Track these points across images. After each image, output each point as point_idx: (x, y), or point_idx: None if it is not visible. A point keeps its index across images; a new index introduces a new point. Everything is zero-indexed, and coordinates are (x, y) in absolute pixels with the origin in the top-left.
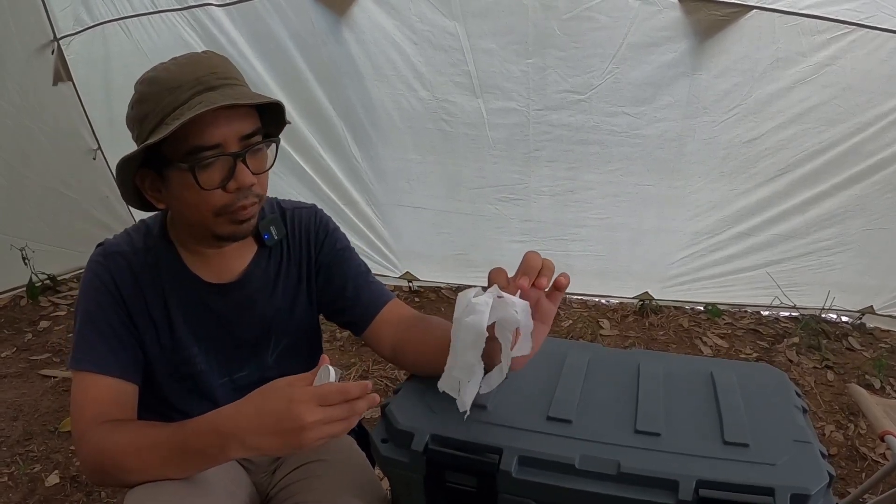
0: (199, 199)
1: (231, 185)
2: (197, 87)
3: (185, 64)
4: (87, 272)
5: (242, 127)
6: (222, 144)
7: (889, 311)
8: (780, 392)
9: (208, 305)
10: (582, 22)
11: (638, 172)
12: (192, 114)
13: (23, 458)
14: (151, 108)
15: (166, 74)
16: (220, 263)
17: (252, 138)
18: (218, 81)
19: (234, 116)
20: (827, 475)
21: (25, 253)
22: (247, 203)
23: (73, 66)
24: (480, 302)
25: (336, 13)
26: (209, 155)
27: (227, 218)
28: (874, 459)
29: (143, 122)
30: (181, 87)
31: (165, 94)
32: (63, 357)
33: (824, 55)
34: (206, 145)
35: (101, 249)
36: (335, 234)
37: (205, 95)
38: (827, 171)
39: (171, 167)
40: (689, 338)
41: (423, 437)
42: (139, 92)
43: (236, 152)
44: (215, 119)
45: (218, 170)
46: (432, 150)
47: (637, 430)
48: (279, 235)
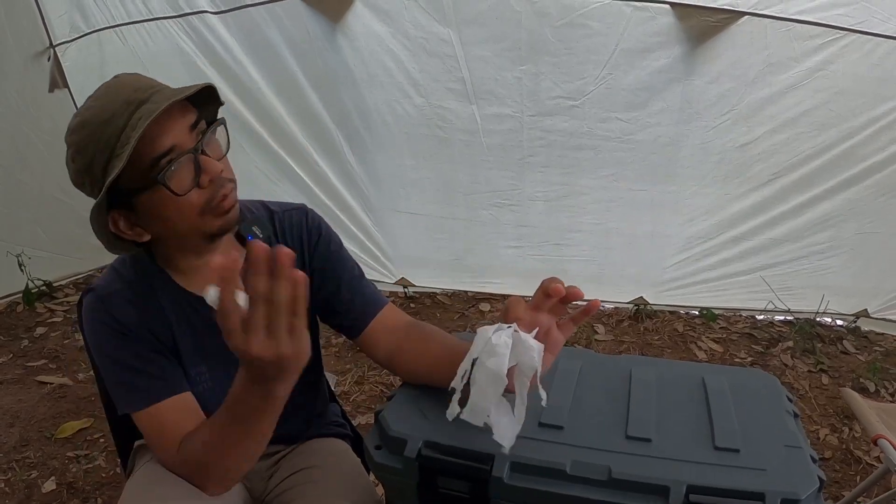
0: (179, 208)
1: (203, 180)
2: (129, 108)
3: (105, 94)
4: (88, 321)
5: (186, 121)
6: (176, 145)
7: (883, 314)
8: (772, 397)
9: (209, 320)
10: (575, 28)
11: (632, 177)
12: (140, 128)
13: (19, 464)
14: (94, 150)
15: (92, 112)
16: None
17: (198, 126)
18: (145, 94)
19: (175, 115)
20: (817, 480)
21: (22, 259)
22: (225, 191)
23: (69, 72)
24: (501, 344)
25: (331, 20)
26: (170, 159)
27: (212, 213)
28: (869, 463)
29: (90, 169)
30: (114, 115)
31: (101, 129)
32: (59, 363)
33: (816, 60)
34: (162, 152)
35: (93, 295)
36: (328, 236)
37: (140, 110)
38: (820, 176)
39: (140, 193)
40: (683, 342)
41: (416, 443)
42: (72, 143)
43: (193, 147)
44: (160, 125)
45: (185, 171)
46: (427, 155)
47: (628, 436)
48: (264, 234)
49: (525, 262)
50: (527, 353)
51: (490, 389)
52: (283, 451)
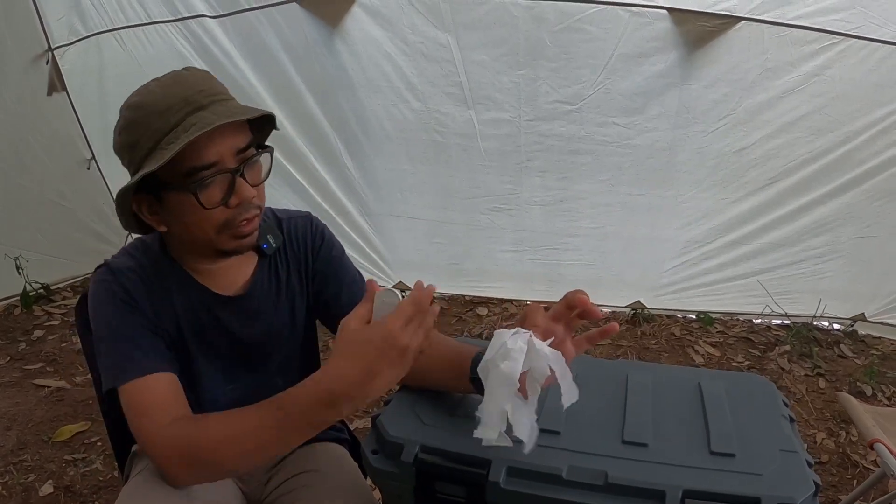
0: (201, 218)
1: (233, 201)
2: (187, 108)
3: (170, 85)
4: (97, 290)
5: (236, 142)
6: (219, 162)
7: (880, 318)
8: (768, 402)
9: (216, 316)
10: (572, 33)
11: (629, 182)
12: (188, 137)
13: (16, 467)
14: (142, 134)
15: (152, 98)
16: (223, 276)
17: (247, 151)
18: (206, 99)
19: (227, 132)
20: (813, 484)
21: (19, 262)
22: (249, 216)
23: (67, 76)
24: (515, 349)
25: (329, 25)
26: (207, 174)
27: (229, 234)
28: (865, 467)
29: (133, 148)
30: (170, 108)
31: (154, 118)
32: (57, 367)
33: (813, 65)
34: (203, 165)
35: (105, 269)
36: (331, 241)
37: (196, 116)
38: (817, 180)
39: (170, 190)
40: (680, 346)
41: (413, 448)
42: (125, 118)
43: (234, 168)
44: (210, 138)
45: (218, 187)
46: (425, 160)
47: (624, 441)
48: (276, 243)
49: (523, 267)
50: (540, 360)
51: (500, 391)
52: (281, 456)
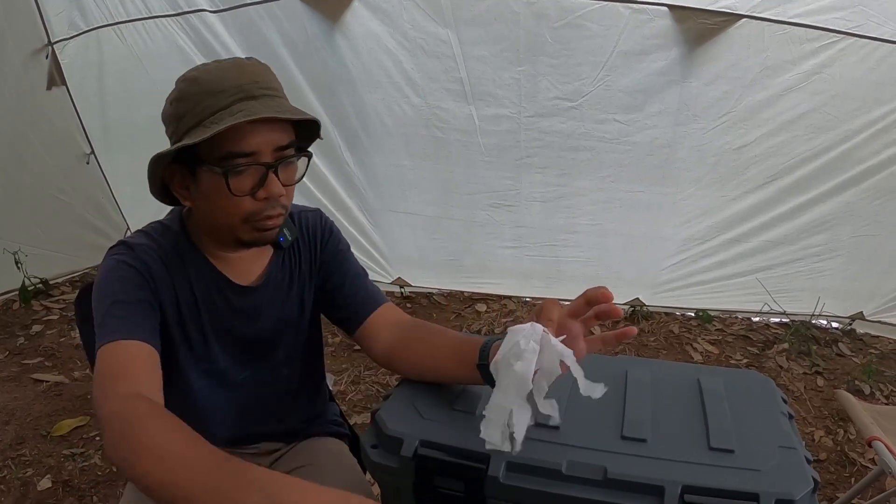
0: (228, 204)
1: (260, 194)
2: (238, 95)
3: (228, 69)
4: (109, 260)
5: (278, 138)
6: (257, 153)
7: (878, 316)
8: (767, 398)
9: (232, 304)
10: (573, 30)
11: (629, 179)
12: (232, 121)
13: (15, 462)
14: (190, 108)
15: (209, 77)
16: (240, 265)
17: (286, 150)
18: (259, 91)
19: (271, 127)
20: (812, 481)
21: (18, 257)
22: (273, 213)
23: (67, 70)
24: (528, 349)
25: (329, 20)
26: (242, 162)
27: (252, 225)
28: (863, 465)
29: (180, 120)
30: (223, 91)
31: (206, 96)
32: (55, 361)
33: (813, 63)
34: (240, 152)
35: (123, 245)
36: (338, 236)
37: (246, 104)
38: (816, 178)
39: (204, 167)
40: (679, 344)
41: (412, 442)
42: (179, 90)
43: (269, 163)
44: (253, 128)
45: (249, 177)
46: (425, 156)
47: (624, 436)
48: (292, 237)
49: (522, 263)
50: (552, 358)
51: (513, 391)
52: (281, 450)
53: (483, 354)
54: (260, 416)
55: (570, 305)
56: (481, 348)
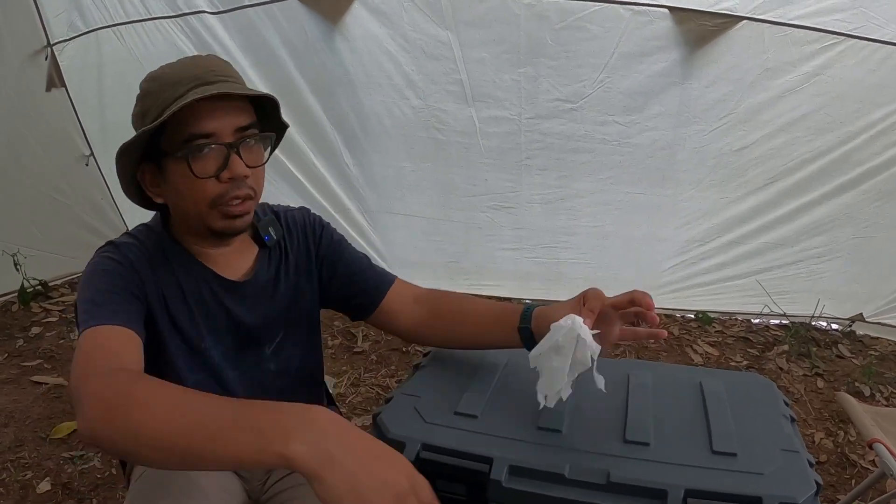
0: (193, 189)
1: (224, 175)
2: (194, 83)
3: (186, 63)
4: (96, 257)
5: (237, 119)
6: (216, 134)
7: (878, 318)
8: (769, 401)
9: (219, 299)
10: (574, 32)
11: (629, 181)
12: (183, 101)
13: (14, 464)
14: (152, 103)
15: (169, 71)
16: (226, 262)
17: (247, 131)
18: (215, 78)
19: (229, 109)
20: (814, 484)
21: (17, 259)
22: (240, 194)
23: (66, 72)
24: (566, 346)
25: (329, 21)
26: (203, 143)
27: (220, 211)
28: (864, 467)
29: (143, 117)
30: (180, 82)
31: (165, 88)
32: (55, 363)
33: (814, 65)
34: (200, 133)
35: (110, 244)
36: (329, 229)
37: (201, 89)
38: (816, 180)
39: (169, 158)
40: (679, 346)
41: (414, 445)
42: (142, 89)
43: (230, 142)
44: (211, 110)
45: (212, 158)
46: (424, 158)
47: (626, 440)
48: (278, 236)
49: (522, 265)
50: (583, 352)
51: (552, 382)
52: None
53: (525, 318)
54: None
55: (615, 298)
56: (523, 313)
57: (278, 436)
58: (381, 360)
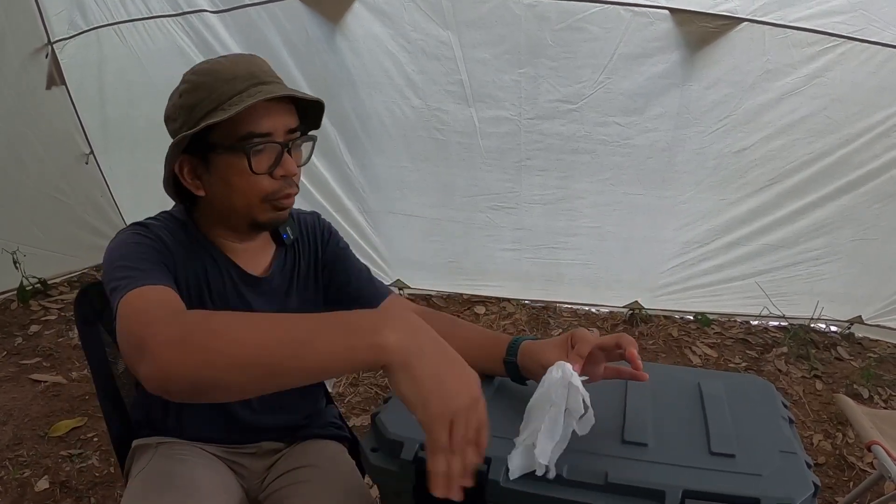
0: (248, 184)
1: (278, 172)
2: (252, 80)
3: (238, 60)
4: (126, 234)
5: (289, 121)
6: (272, 133)
7: (877, 320)
8: (767, 403)
9: (240, 292)
10: (574, 32)
11: (629, 182)
12: (252, 100)
13: (12, 462)
14: (206, 96)
15: (221, 67)
16: (246, 257)
17: (295, 132)
18: (269, 78)
19: (282, 110)
20: (812, 486)
21: (17, 257)
22: (291, 191)
23: (66, 70)
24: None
25: (330, 21)
26: (260, 141)
27: (271, 205)
28: (862, 469)
29: (193, 108)
30: (236, 78)
31: (221, 83)
32: (53, 361)
33: (814, 67)
34: (259, 132)
35: (137, 224)
36: (336, 236)
37: (260, 88)
38: (816, 182)
39: (220, 152)
40: (678, 347)
41: (412, 446)
42: (191, 82)
43: (283, 142)
44: (268, 110)
45: (266, 157)
46: (425, 158)
47: (625, 441)
48: (294, 235)
49: (521, 266)
50: (575, 399)
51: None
52: (281, 451)
53: (511, 351)
54: (258, 406)
55: (602, 340)
56: (510, 345)
57: (370, 328)
58: None
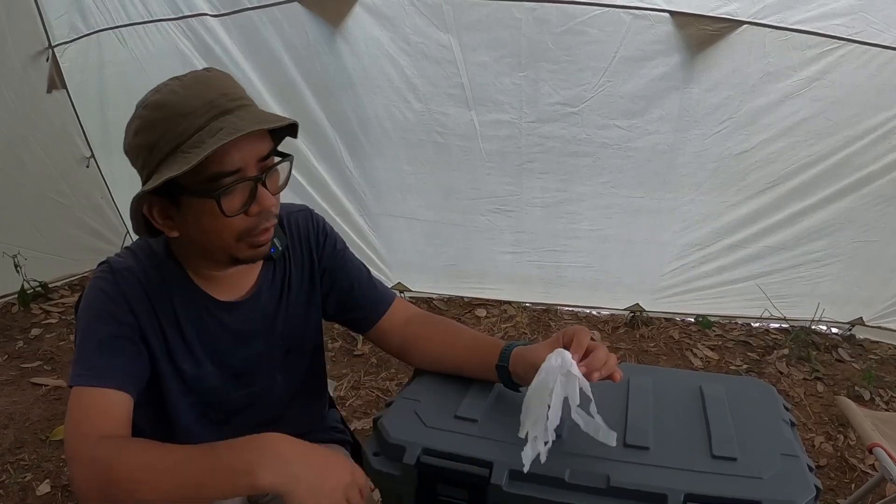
0: (220, 226)
1: (253, 209)
2: (212, 112)
3: (192, 86)
4: (92, 289)
5: (260, 149)
6: (242, 169)
7: (879, 322)
8: (768, 406)
9: (221, 322)
10: (575, 36)
11: (629, 185)
12: (217, 143)
13: (14, 466)
14: (162, 135)
15: (175, 98)
16: (230, 281)
17: (268, 159)
18: (231, 104)
19: (252, 140)
20: (814, 489)
21: (17, 260)
22: (268, 225)
23: (67, 73)
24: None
25: (331, 24)
26: (231, 181)
27: (247, 242)
28: (863, 471)
29: (151, 149)
30: (194, 111)
31: (178, 120)
32: (54, 365)
33: (814, 69)
34: (227, 171)
35: (107, 266)
36: (333, 236)
37: (222, 120)
38: (816, 184)
39: (190, 195)
40: (679, 349)
41: (414, 450)
42: (144, 118)
43: (256, 176)
44: (235, 144)
45: (239, 195)
46: (425, 161)
47: (626, 444)
48: (282, 245)
49: (522, 268)
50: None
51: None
52: None
53: (503, 357)
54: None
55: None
56: (502, 351)
57: (247, 471)
58: (382, 364)
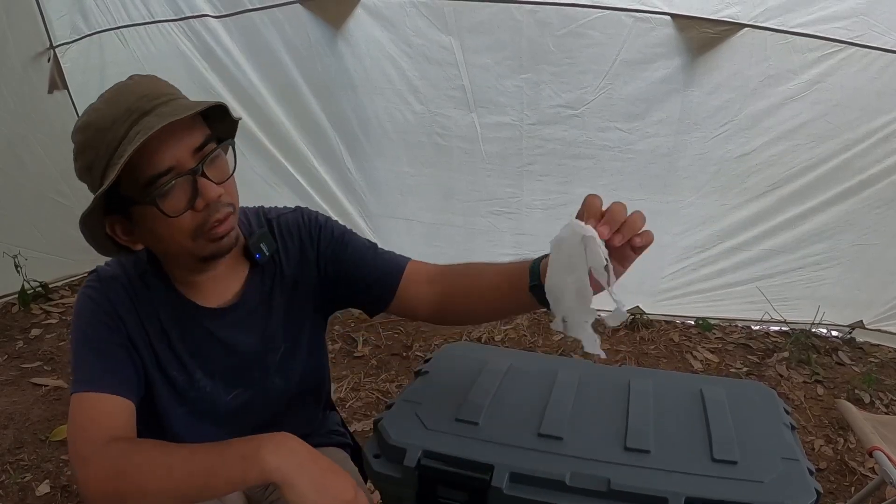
0: (171, 229)
1: (199, 204)
2: (131, 118)
3: (112, 98)
4: (82, 298)
5: (191, 140)
6: (176, 165)
7: (879, 325)
8: (769, 409)
9: (207, 329)
10: (576, 38)
11: (630, 187)
12: (132, 147)
13: (13, 466)
14: (94, 154)
15: (97, 115)
16: (214, 287)
17: (205, 148)
18: (150, 104)
19: (179, 133)
20: (814, 492)
21: (18, 260)
22: (220, 216)
23: (68, 74)
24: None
25: (332, 26)
26: (166, 181)
27: (204, 238)
28: (863, 474)
29: (90, 170)
30: (115, 123)
31: (102, 134)
32: (54, 365)
33: (815, 73)
34: (159, 172)
35: (95, 276)
36: (329, 226)
37: (140, 123)
38: (817, 187)
39: (134, 205)
40: (679, 352)
41: (415, 452)
42: (77, 142)
43: (193, 168)
44: (161, 142)
45: (180, 192)
46: (426, 162)
47: (627, 448)
48: (270, 250)
49: None
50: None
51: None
52: None
53: (534, 275)
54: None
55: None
56: (531, 270)
57: (256, 456)
58: (382, 365)
